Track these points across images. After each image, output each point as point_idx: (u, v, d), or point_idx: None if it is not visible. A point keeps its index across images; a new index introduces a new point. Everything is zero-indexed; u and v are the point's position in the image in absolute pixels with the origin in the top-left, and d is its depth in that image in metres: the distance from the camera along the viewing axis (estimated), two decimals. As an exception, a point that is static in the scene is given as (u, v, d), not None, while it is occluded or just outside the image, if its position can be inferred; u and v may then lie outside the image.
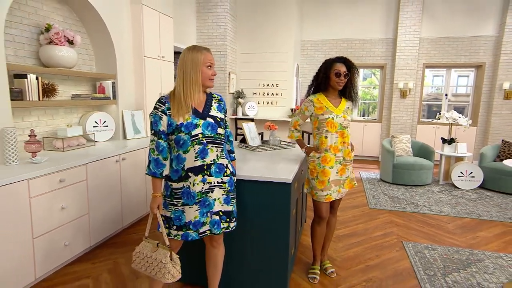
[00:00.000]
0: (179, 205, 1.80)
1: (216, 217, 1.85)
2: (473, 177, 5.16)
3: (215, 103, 1.90)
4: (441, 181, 5.53)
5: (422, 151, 5.67)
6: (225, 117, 1.97)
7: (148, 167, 1.82)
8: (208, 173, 1.79)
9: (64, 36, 3.03)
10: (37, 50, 3.02)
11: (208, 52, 1.83)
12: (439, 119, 5.71)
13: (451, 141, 5.49)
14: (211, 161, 1.80)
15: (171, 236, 1.83)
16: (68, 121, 3.39)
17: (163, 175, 1.82)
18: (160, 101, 1.80)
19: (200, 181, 1.77)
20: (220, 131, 1.85)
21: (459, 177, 5.22)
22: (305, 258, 2.91)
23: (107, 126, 3.67)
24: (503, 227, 3.72)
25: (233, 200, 1.94)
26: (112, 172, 3.10)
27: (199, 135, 1.76)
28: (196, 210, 1.80)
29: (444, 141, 5.56)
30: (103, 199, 3.02)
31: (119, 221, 3.26)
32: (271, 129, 3.37)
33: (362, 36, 7.45)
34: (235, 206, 1.98)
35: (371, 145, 7.65)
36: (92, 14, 3.43)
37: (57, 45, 2.98)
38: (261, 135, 5.58)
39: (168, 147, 1.82)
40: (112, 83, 3.70)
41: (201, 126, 1.77)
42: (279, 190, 2.16)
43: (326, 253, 2.74)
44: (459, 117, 5.41)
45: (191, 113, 1.77)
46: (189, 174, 1.77)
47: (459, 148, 5.44)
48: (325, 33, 7.61)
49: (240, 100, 6.99)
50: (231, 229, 1.93)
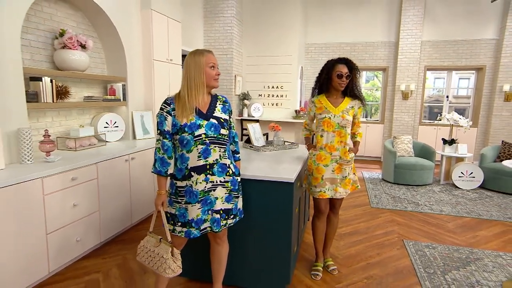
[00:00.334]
0: (183, 203, 1.81)
1: (216, 215, 1.85)
2: (474, 177, 5.11)
3: (219, 104, 1.90)
4: (442, 181, 5.47)
5: (423, 152, 5.62)
6: (230, 118, 1.96)
7: (154, 165, 1.84)
8: (210, 173, 1.79)
9: (77, 40, 3.06)
10: (52, 54, 3.06)
11: (210, 53, 1.83)
12: (440, 120, 5.65)
13: (451, 142, 5.43)
14: (214, 161, 1.80)
15: (176, 232, 1.84)
16: (80, 122, 3.42)
17: (168, 174, 1.83)
18: (165, 102, 1.81)
19: (203, 180, 1.78)
20: (223, 131, 1.84)
21: (459, 177, 5.16)
22: (308, 255, 2.90)
23: (117, 126, 3.71)
24: (503, 227, 3.67)
25: (235, 198, 1.93)
26: (121, 171, 3.13)
27: (202, 135, 1.76)
28: (198, 208, 1.80)
29: (445, 142, 5.51)
30: (113, 197, 3.05)
31: (128, 218, 3.29)
32: (275, 130, 3.37)
33: (365, 39, 7.40)
34: (238, 204, 1.97)
35: (373, 146, 7.60)
36: (103, 19, 3.46)
37: (71, 49, 3.02)
38: (266, 135, 5.59)
39: (173, 146, 1.83)
40: (122, 85, 3.73)
41: (204, 126, 1.77)
42: (282, 189, 2.16)
43: (328, 251, 2.73)
44: (460, 119, 5.35)
45: (194, 114, 1.77)
46: (192, 173, 1.77)
47: (459, 148, 5.38)
48: (329, 37, 7.58)
49: (245, 101, 7.00)
50: (228, 225, 1.92)
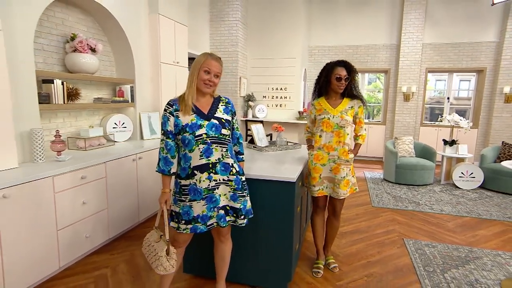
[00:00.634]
0: (187, 200, 1.81)
1: (222, 212, 1.85)
2: (474, 177, 5.05)
3: (222, 105, 1.90)
4: (443, 181, 5.42)
5: (424, 152, 5.58)
6: (233, 119, 1.95)
7: (158, 164, 1.86)
8: (213, 171, 1.79)
9: (87, 44, 3.09)
10: (63, 57, 3.10)
11: (212, 58, 1.80)
12: (441, 121, 5.61)
13: (452, 143, 5.38)
14: (216, 160, 1.80)
15: (180, 230, 1.84)
16: (90, 122, 3.45)
17: (171, 173, 1.85)
18: (168, 103, 1.84)
19: (206, 178, 1.78)
20: (224, 131, 1.83)
21: (460, 177, 5.11)
22: (310, 253, 2.90)
23: (125, 127, 3.73)
24: (502, 226, 3.63)
25: (241, 198, 1.89)
26: (129, 170, 3.15)
27: (203, 135, 1.77)
28: (203, 205, 1.80)
29: (445, 142, 5.46)
30: (121, 195, 3.07)
31: (135, 215, 3.31)
32: (278, 131, 3.37)
33: (367, 42, 7.37)
34: (246, 204, 1.93)
35: (375, 146, 7.56)
36: (113, 23, 3.49)
37: (81, 52, 3.05)
38: (270, 136, 5.60)
39: (176, 146, 1.84)
40: (130, 87, 3.76)
41: (205, 126, 1.78)
42: (284, 188, 2.16)
43: (329, 249, 2.72)
44: (460, 120, 5.30)
45: (194, 114, 1.79)
46: (195, 171, 1.78)
47: (460, 149, 5.33)
48: (331, 40, 7.56)
49: (250, 103, 7.01)
50: (238, 224, 1.90)
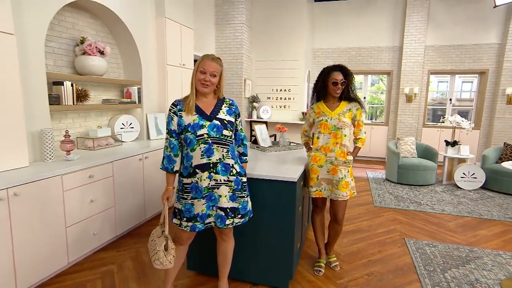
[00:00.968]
0: (189, 198, 1.82)
1: (221, 212, 1.84)
2: (475, 178, 4.99)
3: (225, 107, 1.89)
4: (444, 181, 5.36)
5: (426, 153, 5.52)
6: (237, 120, 1.94)
7: (162, 162, 1.89)
8: (214, 171, 1.79)
9: (96, 47, 3.12)
10: (73, 60, 3.13)
11: (208, 59, 1.80)
12: (443, 122, 5.55)
13: (454, 144, 5.32)
14: (217, 160, 1.80)
15: (182, 227, 1.85)
16: (98, 123, 3.48)
17: (174, 170, 1.87)
18: (173, 104, 1.86)
19: (206, 177, 1.79)
20: (225, 132, 1.83)
21: (461, 177, 5.05)
22: (312, 252, 2.88)
23: (132, 127, 3.76)
24: (503, 226, 3.57)
25: (239, 198, 1.89)
26: (136, 169, 3.17)
27: (204, 135, 1.77)
28: (203, 203, 1.81)
29: (447, 143, 5.40)
30: (128, 193, 3.09)
31: (142, 213, 3.33)
32: (281, 131, 3.36)
33: (370, 44, 7.32)
34: (246, 204, 1.93)
35: (378, 147, 7.51)
36: (121, 27, 3.52)
37: (90, 55, 3.08)
38: (274, 136, 5.58)
39: (179, 145, 1.86)
40: (137, 88, 3.78)
41: (206, 127, 1.78)
42: (285, 188, 2.16)
43: (331, 249, 2.70)
44: (462, 121, 5.24)
45: (197, 115, 1.80)
46: (197, 170, 1.79)
47: (462, 150, 5.26)
48: (335, 42, 7.52)
49: (255, 104, 7.00)
50: (235, 224, 1.90)
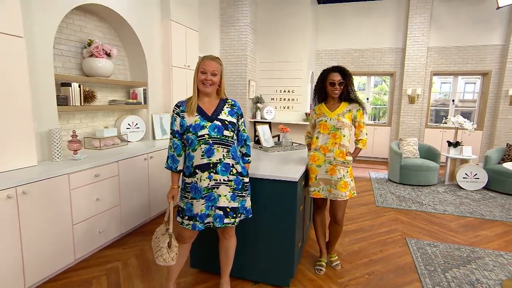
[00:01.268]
0: (189, 198, 1.83)
1: (220, 212, 1.83)
2: (478, 178, 4.93)
3: (227, 107, 1.89)
4: (447, 182, 5.31)
5: (429, 153, 5.47)
6: (239, 121, 1.94)
7: (166, 161, 1.92)
8: (214, 171, 1.79)
9: (102, 49, 3.14)
10: (81, 62, 3.16)
11: (207, 59, 1.82)
12: (446, 123, 5.49)
13: (456, 144, 5.26)
14: (217, 160, 1.79)
15: (184, 225, 1.86)
16: (105, 123, 3.51)
17: (177, 170, 1.89)
18: (176, 105, 1.87)
19: (206, 177, 1.79)
20: (226, 133, 1.82)
21: (464, 178, 4.99)
22: (313, 251, 2.87)
23: (138, 128, 3.78)
24: (505, 227, 3.53)
25: (239, 197, 1.89)
26: (141, 168, 3.19)
27: (205, 135, 1.78)
28: (202, 204, 1.81)
29: (450, 144, 5.35)
30: (133, 192, 3.11)
31: (146, 212, 3.35)
32: (283, 132, 3.36)
33: (373, 45, 7.27)
34: (244, 203, 1.92)
35: (380, 147, 7.46)
36: (127, 29, 3.54)
37: (97, 57, 3.11)
38: (278, 137, 5.57)
39: (182, 145, 1.87)
40: (143, 89, 3.80)
41: (207, 127, 1.79)
42: (287, 188, 2.15)
43: (333, 248, 2.68)
44: (465, 122, 5.18)
45: (199, 115, 1.81)
46: (197, 170, 1.79)
47: (464, 151, 5.21)
48: (338, 43, 7.49)
49: (259, 105, 7.00)
50: (236, 223, 1.90)
